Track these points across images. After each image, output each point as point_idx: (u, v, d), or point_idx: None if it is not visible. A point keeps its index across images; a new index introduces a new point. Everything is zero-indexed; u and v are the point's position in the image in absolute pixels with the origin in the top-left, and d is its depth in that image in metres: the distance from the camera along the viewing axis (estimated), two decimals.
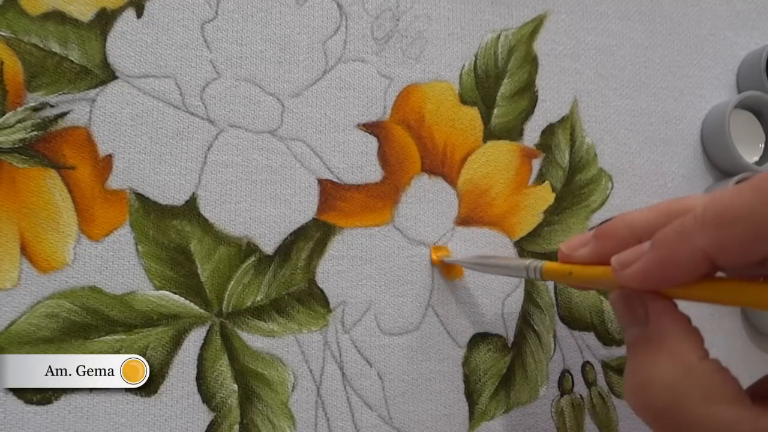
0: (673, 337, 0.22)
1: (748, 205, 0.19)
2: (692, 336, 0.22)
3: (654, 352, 0.22)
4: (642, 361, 0.23)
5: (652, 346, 0.23)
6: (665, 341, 0.22)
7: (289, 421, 0.31)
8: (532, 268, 0.28)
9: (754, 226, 0.19)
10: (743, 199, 0.19)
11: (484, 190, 0.36)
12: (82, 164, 0.30)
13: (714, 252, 0.20)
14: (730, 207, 0.20)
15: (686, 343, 0.22)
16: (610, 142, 0.39)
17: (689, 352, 0.22)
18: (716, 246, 0.20)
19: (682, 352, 0.22)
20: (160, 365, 0.30)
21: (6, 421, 0.27)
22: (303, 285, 0.32)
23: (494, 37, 0.37)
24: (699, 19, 0.42)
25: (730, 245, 0.20)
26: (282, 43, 0.34)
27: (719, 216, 0.20)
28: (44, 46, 0.30)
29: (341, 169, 0.33)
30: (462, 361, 0.34)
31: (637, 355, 0.23)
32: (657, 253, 0.22)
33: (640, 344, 0.23)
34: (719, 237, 0.20)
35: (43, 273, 0.29)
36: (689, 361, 0.21)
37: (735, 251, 0.20)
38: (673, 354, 0.22)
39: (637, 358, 0.23)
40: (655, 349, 0.22)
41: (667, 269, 0.22)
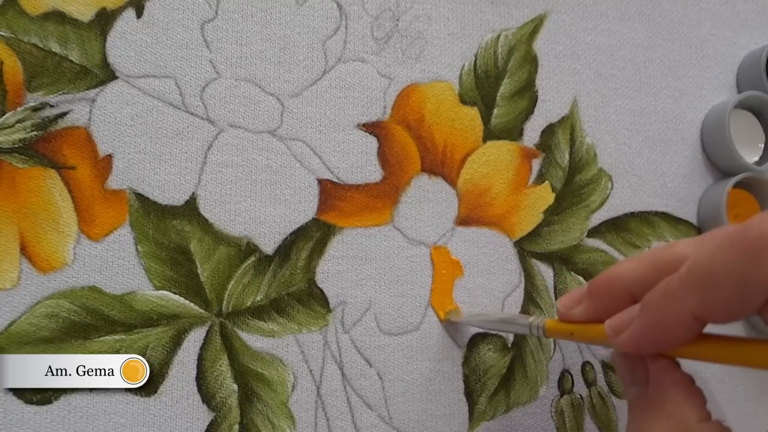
0: (673, 398, 0.22)
1: (729, 266, 0.19)
2: (693, 397, 0.22)
3: (653, 413, 0.23)
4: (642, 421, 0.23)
5: (651, 406, 0.23)
6: (665, 403, 0.22)
7: (288, 421, 0.31)
8: (534, 326, 0.28)
9: (738, 288, 0.19)
10: (725, 258, 0.19)
11: (484, 190, 0.36)
12: (82, 164, 0.30)
13: (701, 312, 0.20)
14: (712, 268, 0.20)
15: (686, 405, 0.22)
16: (610, 142, 0.39)
17: (688, 414, 0.22)
18: (703, 307, 0.20)
19: (680, 414, 0.22)
20: (160, 365, 0.30)
21: (6, 421, 0.27)
22: (303, 285, 0.32)
23: (494, 37, 0.37)
24: (699, 19, 0.42)
25: (717, 306, 0.20)
26: (282, 43, 0.34)
27: (702, 278, 0.20)
28: (44, 46, 0.30)
29: (341, 169, 0.33)
30: (462, 361, 0.34)
31: (638, 414, 0.23)
32: (646, 318, 0.22)
33: (640, 404, 0.23)
34: (704, 299, 0.20)
35: (43, 273, 0.29)
36: (688, 423, 0.22)
37: (722, 311, 0.20)
38: (671, 416, 0.22)
39: (638, 418, 0.23)
40: (655, 409, 0.23)
41: (658, 333, 0.22)
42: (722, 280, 0.19)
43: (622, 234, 0.38)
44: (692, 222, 0.40)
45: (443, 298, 0.34)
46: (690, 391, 0.23)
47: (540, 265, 0.36)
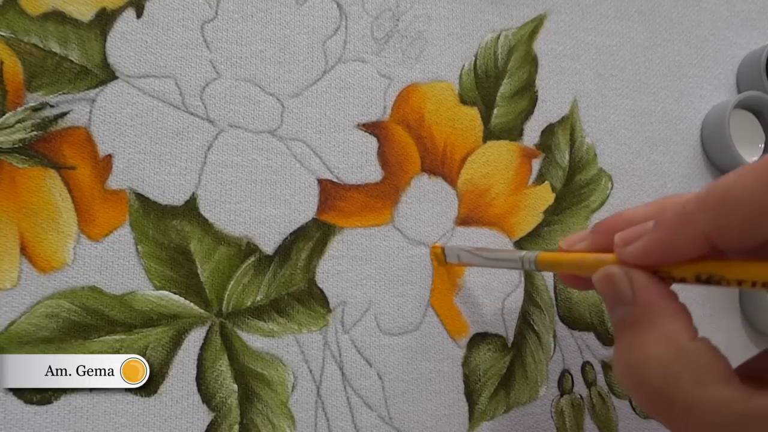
0: (662, 316, 0.22)
1: (748, 188, 0.19)
2: (681, 314, 0.22)
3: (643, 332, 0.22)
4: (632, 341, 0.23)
5: (640, 325, 0.22)
6: (654, 321, 0.22)
7: (288, 421, 0.31)
8: (526, 259, 0.28)
9: (755, 209, 0.19)
10: (744, 182, 0.20)
11: (484, 190, 0.36)
12: (82, 164, 0.30)
13: (714, 235, 0.20)
14: (731, 190, 0.20)
15: (676, 323, 0.22)
16: (610, 142, 0.39)
17: (680, 332, 0.22)
18: (717, 229, 0.20)
19: (672, 331, 0.22)
20: (160, 365, 0.30)
21: (6, 421, 0.27)
22: (303, 285, 0.32)
23: (494, 37, 0.37)
24: (699, 19, 0.42)
25: (730, 228, 0.20)
26: (282, 43, 0.34)
27: (720, 199, 0.20)
28: (44, 46, 0.30)
29: (341, 169, 0.33)
30: (462, 361, 0.34)
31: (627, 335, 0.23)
32: (659, 234, 0.22)
33: (629, 324, 0.23)
34: (720, 220, 0.20)
35: (43, 273, 0.29)
36: (680, 341, 0.21)
37: (735, 234, 0.20)
38: (663, 334, 0.22)
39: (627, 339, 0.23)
40: (644, 329, 0.22)
41: (668, 250, 0.22)
42: (740, 202, 0.20)
43: None
44: None
45: (443, 298, 0.34)
46: (678, 308, 0.22)
47: None
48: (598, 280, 0.24)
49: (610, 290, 0.24)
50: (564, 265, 0.27)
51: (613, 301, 0.24)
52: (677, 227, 0.22)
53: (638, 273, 0.23)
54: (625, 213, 0.26)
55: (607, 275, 0.24)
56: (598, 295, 0.37)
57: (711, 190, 0.21)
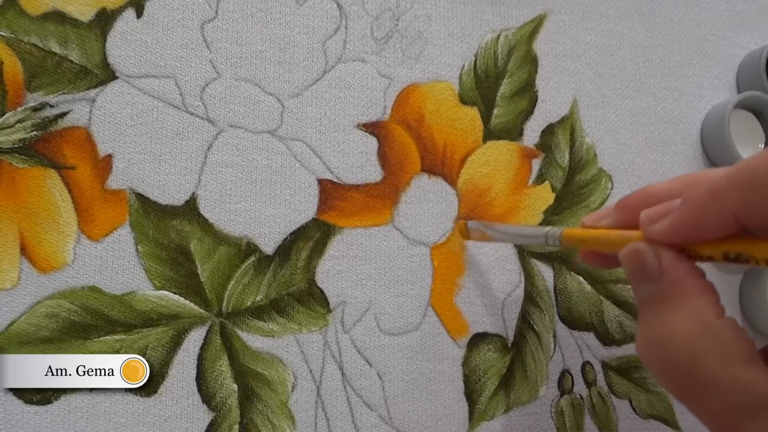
0: (690, 291, 0.22)
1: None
2: (709, 291, 0.22)
3: (670, 308, 0.22)
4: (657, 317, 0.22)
5: (667, 301, 0.22)
6: (681, 296, 0.22)
7: (288, 421, 0.31)
8: (550, 235, 0.28)
9: None
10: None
11: (484, 190, 0.36)
12: (82, 164, 0.30)
13: (743, 213, 0.20)
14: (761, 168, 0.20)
15: (703, 299, 0.22)
16: (610, 142, 0.39)
17: (706, 309, 0.21)
18: (746, 207, 0.20)
19: (699, 308, 0.21)
20: (160, 365, 0.30)
21: (6, 421, 0.27)
22: (303, 285, 0.32)
23: (494, 37, 0.37)
24: (699, 19, 0.42)
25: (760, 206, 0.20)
26: (282, 43, 0.34)
27: (750, 177, 0.20)
28: (44, 46, 0.30)
29: (341, 169, 0.33)
30: (462, 361, 0.34)
31: (652, 311, 0.23)
32: (686, 212, 0.22)
33: (655, 300, 0.23)
34: (749, 198, 0.20)
35: (43, 273, 0.29)
36: (707, 318, 0.21)
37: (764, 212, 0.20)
38: (690, 310, 0.21)
39: (652, 315, 0.23)
40: (671, 304, 0.22)
41: (696, 227, 0.22)
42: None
43: None
44: None
45: (443, 298, 0.34)
46: (705, 285, 0.22)
47: (540, 265, 0.36)
48: (624, 255, 0.24)
49: (637, 266, 0.23)
50: (588, 241, 0.27)
51: (639, 277, 0.23)
52: (706, 205, 0.21)
53: (666, 250, 0.23)
54: (651, 188, 0.25)
55: (635, 251, 0.23)
56: (598, 296, 0.37)
57: (741, 168, 0.20)
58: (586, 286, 0.37)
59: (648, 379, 0.37)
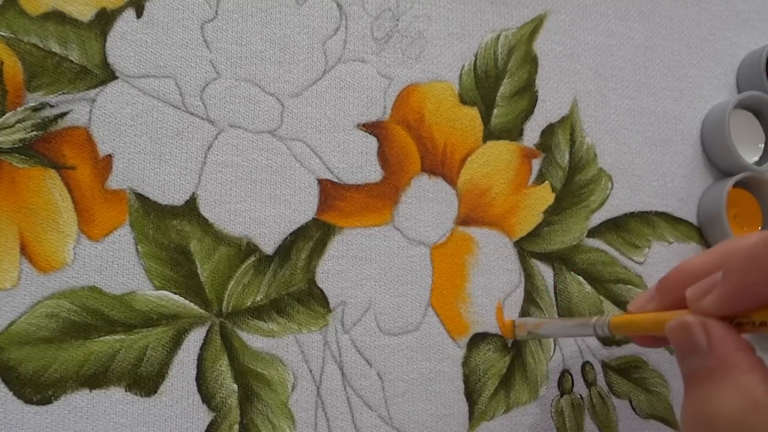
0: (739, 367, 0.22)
1: None
2: (758, 368, 0.22)
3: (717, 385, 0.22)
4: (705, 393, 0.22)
5: (714, 377, 0.22)
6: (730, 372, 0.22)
7: (288, 421, 0.31)
8: (599, 324, 0.29)
9: None
10: None
11: (484, 190, 0.36)
12: (82, 164, 0.30)
13: None
14: None
15: (752, 376, 0.21)
16: (610, 142, 0.39)
17: (756, 386, 0.21)
18: None
19: (748, 384, 0.21)
20: (160, 365, 0.30)
21: (6, 421, 0.27)
22: (303, 285, 0.32)
23: (494, 37, 0.37)
24: (699, 19, 0.42)
25: None
26: (282, 43, 0.34)
27: None
28: (44, 46, 0.30)
29: (341, 169, 0.33)
30: (462, 361, 0.34)
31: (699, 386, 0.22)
32: (731, 281, 0.22)
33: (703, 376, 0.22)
34: None
35: (43, 273, 0.29)
36: (756, 395, 0.21)
37: None
38: (739, 387, 0.21)
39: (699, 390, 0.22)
40: (719, 380, 0.22)
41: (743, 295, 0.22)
42: None
43: (622, 234, 0.38)
44: (692, 222, 0.40)
45: (443, 298, 0.34)
46: (754, 360, 0.22)
47: (540, 265, 0.36)
48: (671, 328, 0.24)
49: (685, 340, 0.23)
50: (639, 326, 0.27)
51: (686, 351, 0.23)
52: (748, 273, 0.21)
53: (715, 323, 0.23)
54: (687, 265, 0.25)
55: (683, 324, 0.23)
56: (597, 296, 0.37)
57: None
58: (586, 286, 0.37)
59: (648, 379, 0.37)
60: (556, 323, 0.33)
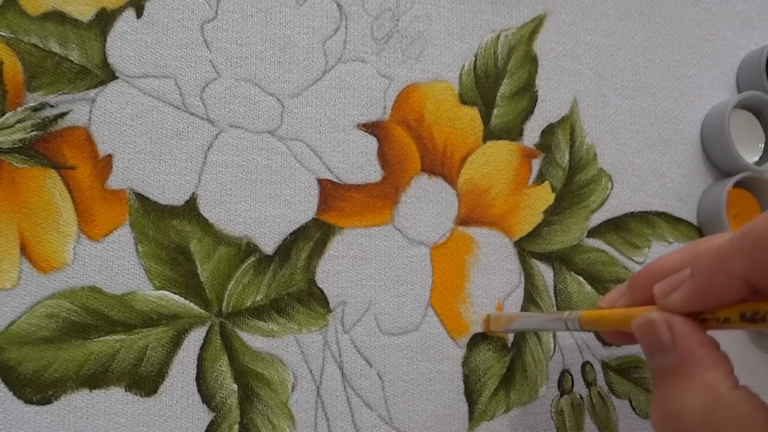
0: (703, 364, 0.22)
1: None
2: (721, 363, 0.22)
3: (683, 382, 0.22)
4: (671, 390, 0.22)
5: (680, 374, 0.22)
6: (694, 370, 0.22)
7: (288, 421, 0.31)
8: (570, 319, 0.29)
9: None
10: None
11: (484, 190, 0.36)
12: (82, 164, 0.30)
13: (753, 276, 0.21)
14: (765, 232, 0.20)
15: (716, 373, 0.22)
16: (610, 142, 0.39)
17: (720, 382, 0.21)
18: (754, 272, 0.20)
19: (712, 381, 0.22)
20: (160, 365, 0.30)
21: (6, 421, 0.27)
22: (303, 285, 0.32)
23: (494, 37, 0.37)
24: (699, 19, 0.42)
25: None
26: (282, 43, 0.34)
27: (755, 243, 0.20)
28: (44, 46, 0.30)
29: (341, 169, 0.33)
30: (462, 361, 0.34)
31: (665, 384, 0.23)
32: (697, 281, 0.22)
33: (668, 373, 0.23)
34: (756, 264, 0.20)
35: (42, 273, 0.29)
36: (719, 391, 0.21)
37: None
38: (703, 384, 0.22)
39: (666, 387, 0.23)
40: (685, 378, 0.22)
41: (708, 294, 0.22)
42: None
43: (622, 234, 0.38)
44: (692, 222, 0.40)
45: (443, 298, 0.34)
46: (718, 356, 0.22)
47: (540, 265, 0.36)
48: (637, 325, 0.24)
49: (650, 337, 0.24)
50: (608, 321, 0.27)
51: (652, 348, 0.24)
52: (714, 273, 0.22)
53: (679, 320, 0.23)
54: (658, 263, 0.26)
55: (647, 321, 0.24)
56: (597, 296, 0.37)
57: (746, 233, 0.20)
58: (586, 286, 0.37)
59: (648, 379, 0.37)
60: (529, 318, 0.33)
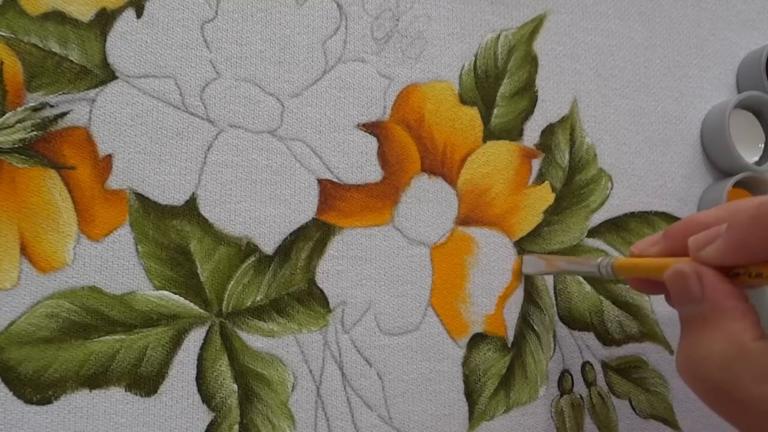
0: (729, 314, 0.23)
1: None
2: (747, 315, 0.23)
3: (709, 330, 0.23)
4: (697, 338, 0.23)
5: (707, 323, 0.23)
6: (720, 319, 0.23)
7: (288, 421, 0.31)
8: (603, 265, 0.29)
9: None
10: None
11: (484, 190, 0.36)
12: (82, 164, 0.30)
13: None
14: None
15: (741, 323, 0.23)
16: (609, 142, 0.39)
17: (744, 332, 0.22)
18: None
19: (737, 331, 0.22)
20: (160, 365, 0.30)
21: (6, 421, 0.27)
22: (303, 285, 0.32)
23: (494, 37, 0.37)
24: (699, 19, 0.42)
25: None
26: (282, 43, 0.34)
27: None
28: (44, 46, 0.30)
29: (341, 169, 0.33)
30: (462, 361, 0.34)
31: (692, 332, 0.24)
32: (733, 236, 0.23)
33: (696, 321, 0.24)
34: None
35: (43, 273, 0.29)
36: (743, 340, 0.22)
37: None
38: (728, 333, 0.22)
39: (692, 335, 0.24)
40: (711, 326, 0.23)
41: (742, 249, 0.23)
42: None
43: (622, 234, 0.38)
44: None
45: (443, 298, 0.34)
46: (745, 308, 0.23)
47: None
48: (669, 276, 0.25)
49: (680, 287, 0.24)
50: (641, 269, 0.28)
51: (682, 297, 0.24)
52: (751, 229, 0.22)
53: (709, 272, 0.24)
54: (697, 216, 0.26)
55: (679, 272, 0.25)
56: (597, 296, 0.37)
57: None
58: (586, 286, 0.37)
59: (648, 379, 0.37)
60: (564, 260, 0.34)
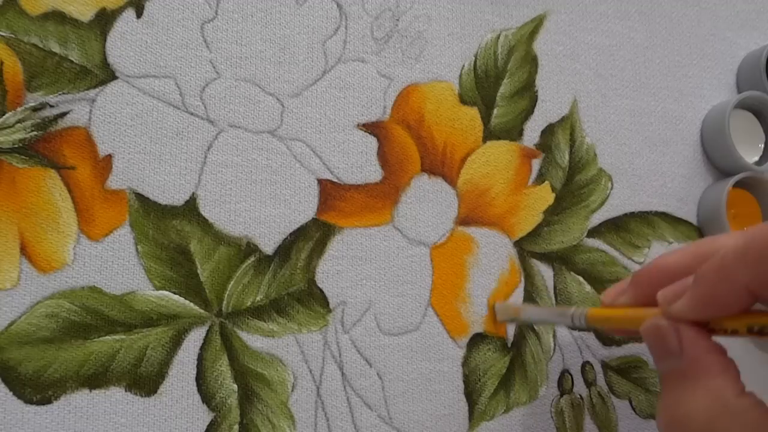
0: (710, 371, 0.22)
1: None
2: (728, 369, 0.22)
3: (690, 387, 0.22)
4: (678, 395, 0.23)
5: (687, 380, 0.22)
6: (701, 375, 0.22)
7: (288, 421, 0.31)
8: (576, 315, 0.29)
9: None
10: None
11: (484, 190, 0.36)
12: (82, 164, 0.30)
13: (755, 287, 0.20)
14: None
15: (723, 378, 0.22)
16: (610, 142, 0.39)
17: (725, 388, 0.22)
18: (757, 282, 0.20)
19: (719, 387, 0.22)
20: (160, 365, 0.30)
21: (6, 421, 0.27)
22: (303, 285, 0.32)
23: (494, 37, 0.37)
24: (699, 19, 0.42)
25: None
26: (282, 43, 0.34)
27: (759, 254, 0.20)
28: (44, 46, 0.30)
29: (341, 169, 0.33)
30: (462, 361, 0.34)
31: (673, 388, 0.23)
32: (700, 289, 0.22)
33: (676, 377, 0.23)
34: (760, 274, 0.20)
35: (43, 273, 0.29)
36: (726, 397, 0.21)
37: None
38: (710, 390, 0.22)
39: (673, 392, 0.23)
40: (691, 383, 0.22)
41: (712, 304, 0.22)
42: None
43: (622, 234, 0.38)
44: (692, 222, 0.40)
45: (443, 298, 0.34)
46: (725, 362, 0.22)
47: (540, 265, 0.36)
48: (646, 330, 0.24)
49: (658, 342, 0.24)
50: (614, 320, 0.28)
51: (660, 352, 0.24)
52: (717, 282, 0.22)
53: (686, 327, 0.23)
54: (662, 261, 0.26)
55: (656, 327, 0.24)
56: (597, 296, 0.37)
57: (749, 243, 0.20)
58: (586, 286, 0.37)
59: (648, 379, 0.37)
60: (536, 309, 0.34)
